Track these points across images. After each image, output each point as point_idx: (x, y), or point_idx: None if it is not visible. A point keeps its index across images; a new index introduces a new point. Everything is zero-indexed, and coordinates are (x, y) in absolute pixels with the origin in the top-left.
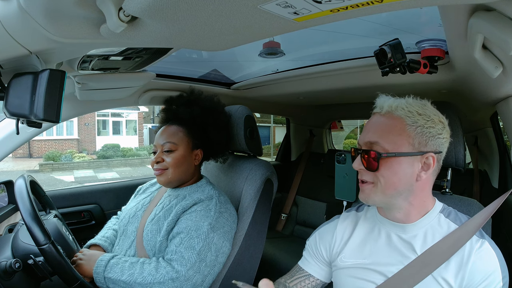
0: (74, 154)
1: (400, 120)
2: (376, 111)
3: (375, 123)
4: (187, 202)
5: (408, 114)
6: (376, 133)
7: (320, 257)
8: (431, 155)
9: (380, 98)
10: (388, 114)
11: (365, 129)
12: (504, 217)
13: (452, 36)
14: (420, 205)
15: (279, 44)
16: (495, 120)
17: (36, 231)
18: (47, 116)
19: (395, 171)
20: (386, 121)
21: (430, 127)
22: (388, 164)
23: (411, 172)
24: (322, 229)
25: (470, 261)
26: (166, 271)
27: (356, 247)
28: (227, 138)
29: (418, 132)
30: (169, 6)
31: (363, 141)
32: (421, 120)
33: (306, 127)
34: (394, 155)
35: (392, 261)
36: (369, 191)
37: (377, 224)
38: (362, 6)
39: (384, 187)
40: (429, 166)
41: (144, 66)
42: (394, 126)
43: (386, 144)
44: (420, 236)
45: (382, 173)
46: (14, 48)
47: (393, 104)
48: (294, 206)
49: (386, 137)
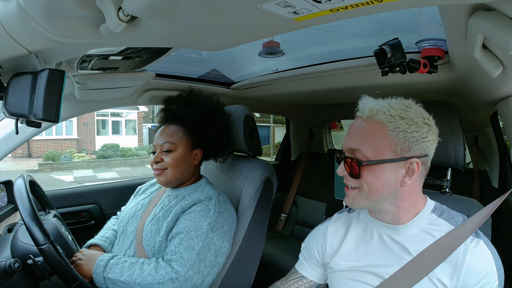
0: (74, 154)
1: (381, 126)
2: (358, 115)
3: (356, 129)
4: (187, 202)
5: (389, 119)
6: (357, 140)
7: (313, 259)
8: (415, 161)
9: (362, 100)
10: (369, 119)
11: (348, 134)
12: (504, 217)
13: (452, 35)
14: (409, 207)
15: (279, 43)
16: (495, 120)
17: (36, 231)
18: (46, 115)
19: (378, 178)
20: (367, 127)
21: (413, 131)
22: (370, 171)
23: (394, 178)
24: (314, 231)
25: (466, 261)
26: (165, 271)
27: (350, 249)
28: (226, 138)
29: (400, 137)
30: (169, 5)
31: (346, 147)
32: (404, 125)
33: (305, 127)
34: (375, 163)
35: (386, 263)
36: (354, 196)
37: (369, 225)
38: (362, 5)
39: (368, 192)
40: (413, 172)
41: (144, 65)
42: (375, 132)
43: (367, 151)
44: (413, 237)
45: (365, 180)
46: (14, 48)
47: (375, 108)
48: (294, 206)
49: (367, 144)
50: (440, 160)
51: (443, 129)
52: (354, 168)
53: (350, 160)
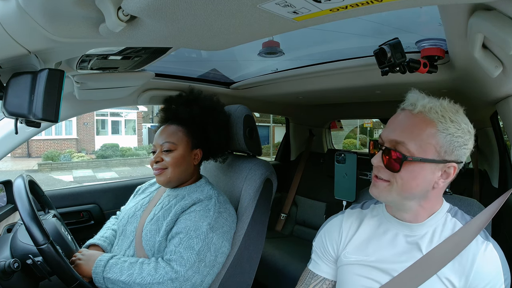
0: (73, 154)
1: (432, 124)
2: (406, 108)
3: (404, 121)
4: (186, 202)
5: (441, 119)
6: (404, 133)
7: (329, 256)
8: (453, 165)
9: (412, 93)
10: (420, 114)
11: (391, 125)
12: (504, 217)
13: (452, 35)
14: (430, 207)
15: (279, 43)
16: (495, 120)
17: (35, 231)
18: (46, 115)
19: (415, 176)
20: (417, 122)
21: (459, 136)
22: (411, 168)
23: (430, 179)
24: (327, 226)
25: (475, 263)
26: (165, 271)
27: (360, 243)
28: (226, 137)
29: (447, 140)
30: (168, 5)
31: (387, 137)
32: (452, 128)
33: (305, 127)
34: (419, 160)
35: (397, 260)
36: (382, 188)
37: (384, 222)
38: (361, 5)
39: (400, 188)
40: (448, 175)
41: (143, 65)
42: (424, 129)
43: (412, 147)
44: (427, 235)
45: (401, 175)
46: (13, 48)
47: (428, 104)
48: (294, 206)
49: (414, 139)
50: None
51: None
52: (394, 162)
53: (392, 152)
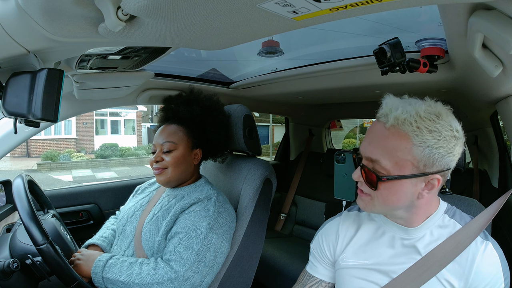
0: (72, 154)
1: (406, 138)
2: (380, 119)
3: (377, 136)
4: (186, 202)
5: (416, 132)
6: (377, 150)
7: (326, 259)
8: (436, 177)
9: (386, 100)
10: (392, 128)
11: (367, 138)
12: (504, 217)
13: (452, 35)
14: (423, 213)
15: (278, 43)
16: (495, 120)
17: (34, 231)
18: (45, 115)
19: (394, 192)
20: (390, 138)
21: (440, 147)
22: (388, 185)
23: (412, 192)
24: (324, 229)
25: (475, 263)
26: (164, 271)
27: (358, 247)
28: (226, 137)
29: (426, 153)
30: (168, 4)
31: (364, 153)
32: (431, 140)
33: (305, 127)
34: (394, 179)
35: (395, 261)
36: (366, 201)
37: (382, 225)
38: (361, 5)
39: (382, 203)
40: (433, 186)
41: (143, 65)
42: (398, 145)
43: (387, 164)
44: (425, 238)
45: (380, 192)
46: (12, 47)
47: (400, 116)
48: (293, 206)
49: (388, 156)
50: None
51: None
52: (371, 179)
53: (368, 171)
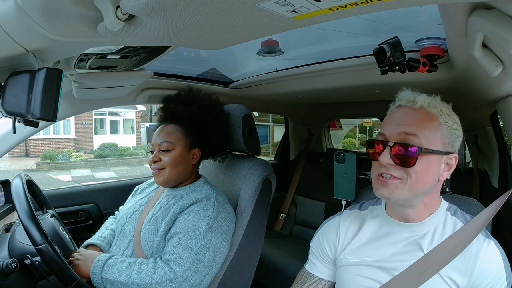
0: (71, 153)
1: (434, 117)
2: (405, 104)
3: (408, 115)
4: (185, 202)
5: (440, 113)
6: (413, 125)
7: (326, 257)
8: (454, 156)
9: (406, 91)
10: (422, 109)
11: (394, 121)
12: (504, 217)
13: (452, 34)
14: (431, 204)
15: (278, 42)
16: (495, 119)
17: (33, 230)
18: (44, 115)
19: (427, 169)
20: (422, 116)
21: (455, 129)
22: (423, 160)
23: (438, 171)
24: (324, 227)
25: (478, 261)
26: (164, 271)
27: (360, 245)
28: (225, 137)
29: (448, 132)
30: (167, 4)
31: (395, 131)
32: (450, 121)
33: (304, 126)
34: (431, 152)
35: (397, 259)
36: (394, 186)
37: (384, 224)
38: (361, 4)
39: (413, 184)
40: (451, 167)
41: (142, 64)
42: (429, 123)
43: (423, 139)
44: (428, 235)
45: (416, 170)
46: (11, 47)
47: (426, 100)
48: (293, 206)
49: (423, 131)
50: None
51: None
52: (409, 156)
53: (405, 146)
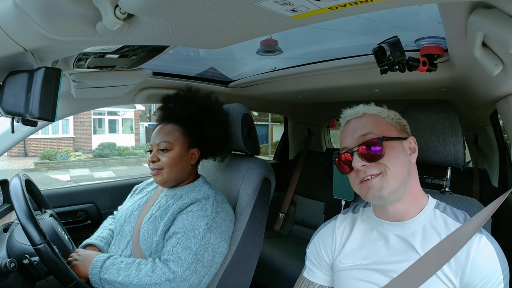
0: (70, 153)
1: (378, 116)
2: (350, 118)
3: (357, 124)
4: (184, 202)
5: (380, 112)
6: (365, 127)
7: (324, 263)
8: (412, 138)
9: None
10: (364, 115)
11: (349, 132)
12: (504, 216)
13: (452, 33)
14: (417, 196)
15: (277, 41)
16: (495, 119)
17: (32, 230)
18: (42, 114)
19: (396, 156)
20: (368, 119)
21: (399, 119)
22: (389, 149)
23: (405, 156)
24: (320, 233)
25: (470, 257)
26: (162, 272)
27: (354, 248)
28: (224, 136)
29: (395, 122)
30: (166, 3)
31: (353, 139)
32: (392, 115)
33: (304, 126)
34: (392, 139)
35: (392, 260)
36: (379, 182)
37: (374, 226)
38: (360, 3)
39: (392, 172)
40: (414, 150)
41: (141, 64)
42: (376, 120)
43: (379, 133)
44: (418, 232)
45: (387, 159)
46: (9, 46)
47: (365, 107)
48: (292, 206)
49: (375, 127)
50: (440, 159)
51: (443, 128)
52: (375, 149)
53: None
